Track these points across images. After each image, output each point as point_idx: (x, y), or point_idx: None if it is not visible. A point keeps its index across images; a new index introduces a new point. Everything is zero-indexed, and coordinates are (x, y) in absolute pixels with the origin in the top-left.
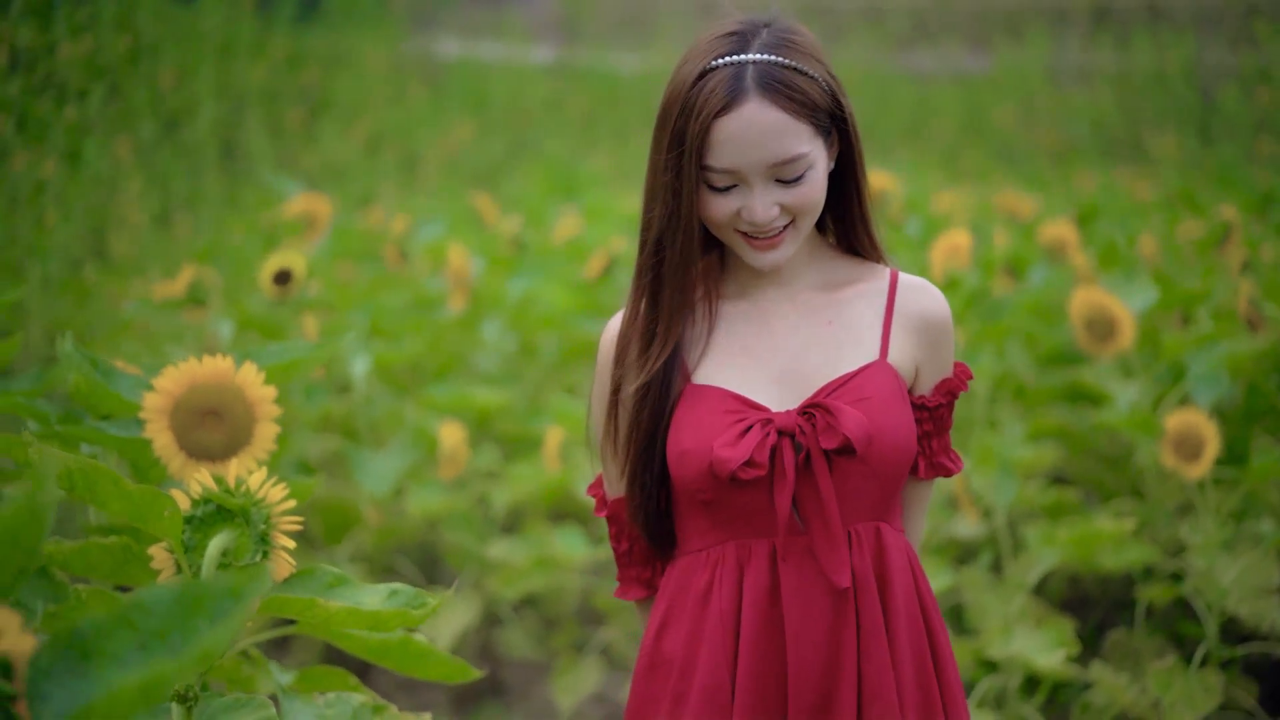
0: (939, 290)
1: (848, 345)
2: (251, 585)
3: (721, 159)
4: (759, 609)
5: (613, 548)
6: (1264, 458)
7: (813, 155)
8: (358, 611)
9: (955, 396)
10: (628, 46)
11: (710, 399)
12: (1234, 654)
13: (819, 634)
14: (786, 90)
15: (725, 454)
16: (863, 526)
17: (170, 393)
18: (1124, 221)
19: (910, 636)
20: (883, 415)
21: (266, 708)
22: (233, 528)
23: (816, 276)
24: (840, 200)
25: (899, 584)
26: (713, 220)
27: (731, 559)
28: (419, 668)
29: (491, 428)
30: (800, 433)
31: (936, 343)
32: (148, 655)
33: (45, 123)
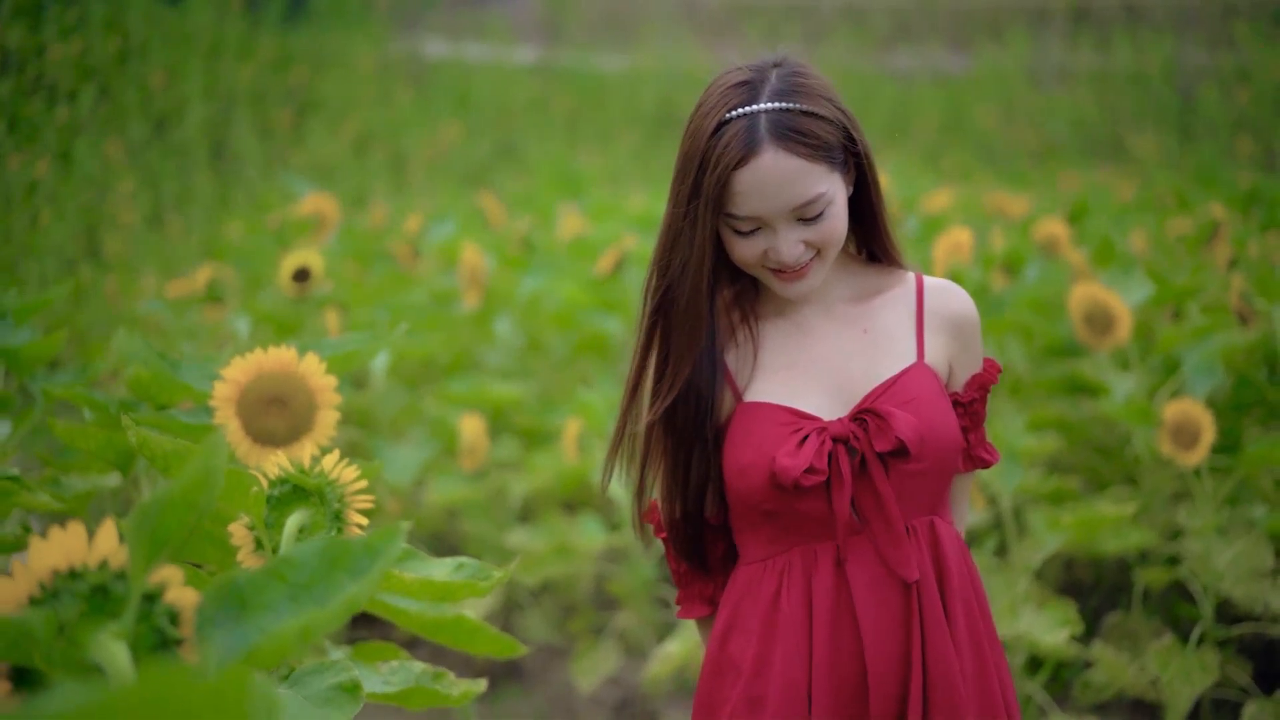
0: (962, 289)
1: (885, 350)
2: (388, 544)
3: (743, 208)
4: (830, 610)
5: (671, 569)
6: (1257, 445)
7: (831, 192)
8: (431, 583)
9: (987, 390)
10: (611, 47)
11: (764, 414)
12: (1229, 634)
13: (892, 627)
14: (799, 137)
15: (787, 463)
16: (919, 521)
17: (238, 382)
18: (1114, 219)
19: (967, 623)
20: (930, 414)
21: (350, 670)
22: (308, 506)
23: (847, 289)
24: (862, 216)
25: (955, 574)
26: (742, 261)
27: (798, 565)
28: (470, 643)
29: (507, 421)
30: (854, 438)
31: (967, 340)
32: (297, 606)
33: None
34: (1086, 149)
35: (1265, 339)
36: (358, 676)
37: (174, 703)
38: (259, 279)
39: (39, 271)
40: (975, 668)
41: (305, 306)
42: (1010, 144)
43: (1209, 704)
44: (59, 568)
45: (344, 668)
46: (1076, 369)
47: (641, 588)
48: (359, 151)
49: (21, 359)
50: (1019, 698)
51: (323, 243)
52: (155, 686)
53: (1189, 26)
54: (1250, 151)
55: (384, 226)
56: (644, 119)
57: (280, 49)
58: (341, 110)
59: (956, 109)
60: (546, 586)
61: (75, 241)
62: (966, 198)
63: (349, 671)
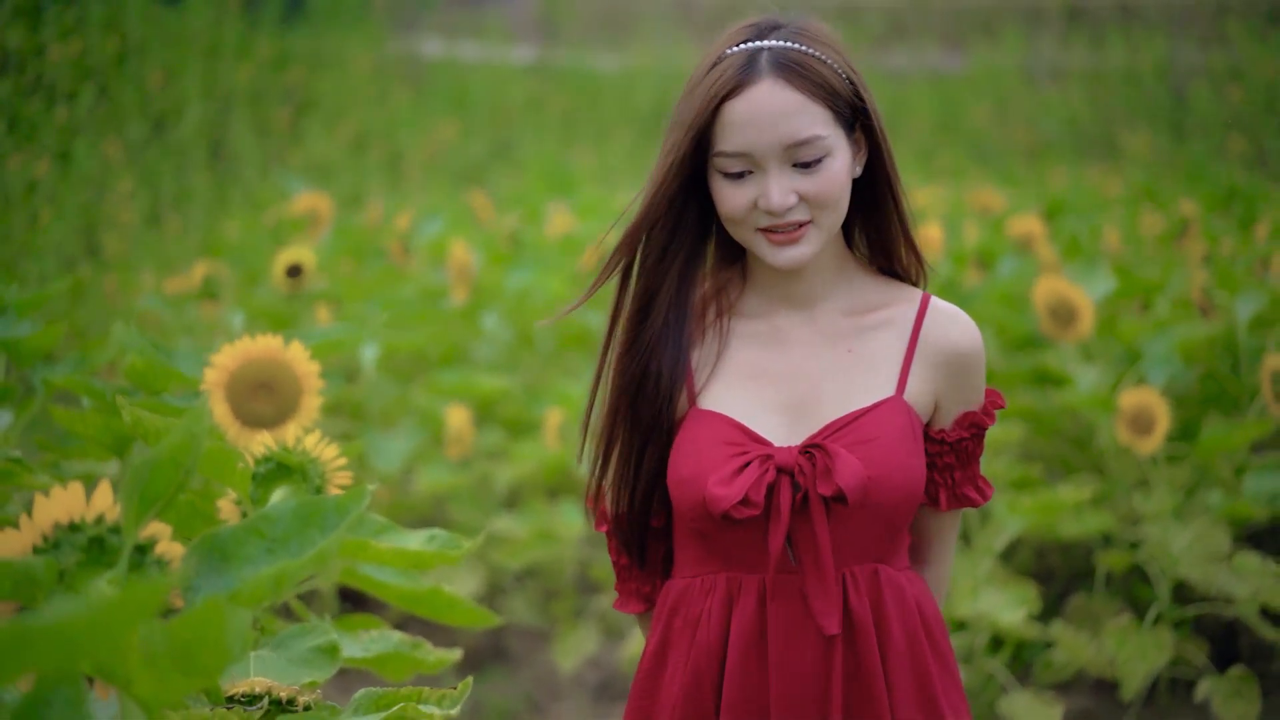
0: (971, 321)
1: (864, 378)
2: (354, 503)
3: (732, 141)
4: (744, 646)
5: (613, 560)
6: (1211, 433)
7: (831, 142)
8: (404, 552)
9: (982, 429)
10: (606, 46)
11: (713, 426)
12: (1185, 615)
13: (804, 676)
14: (801, 70)
15: (718, 492)
16: (861, 568)
17: (226, 368)
18: (1089, 216)
19: (914, 679)
20: (885, 459)
21: (329, 634)
22: (291, 483)
23: (842, 300)
24: (875, 212)
25: (897, 627)
26: (730, 215)
27: (722, 591)
28: (447, 614)
29: (493, 412)
30: (800, 472)
31: (961, 375)
32: (274, 558)
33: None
34: (1080, 147)
35: (1226, 332)
36: (336, 640)
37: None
38: (254, 275)
39: (38, 270)
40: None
41: (298, 302)
42: (1004, 142)
43: (1166, 683)
44: (60, 521)
45: (323, 631)
46: (1043, 361)
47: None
48: (356, 151)
49: (23, 351)
50: (980, 676)
51: (317, 240)
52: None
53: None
54: (1242, 149)
55: (379, 224)
56: (638, 118)
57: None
58: (339, 110)
59: (950, 108)
60: (530, 571)
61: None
62: (953, 195)
63: (328, 635)
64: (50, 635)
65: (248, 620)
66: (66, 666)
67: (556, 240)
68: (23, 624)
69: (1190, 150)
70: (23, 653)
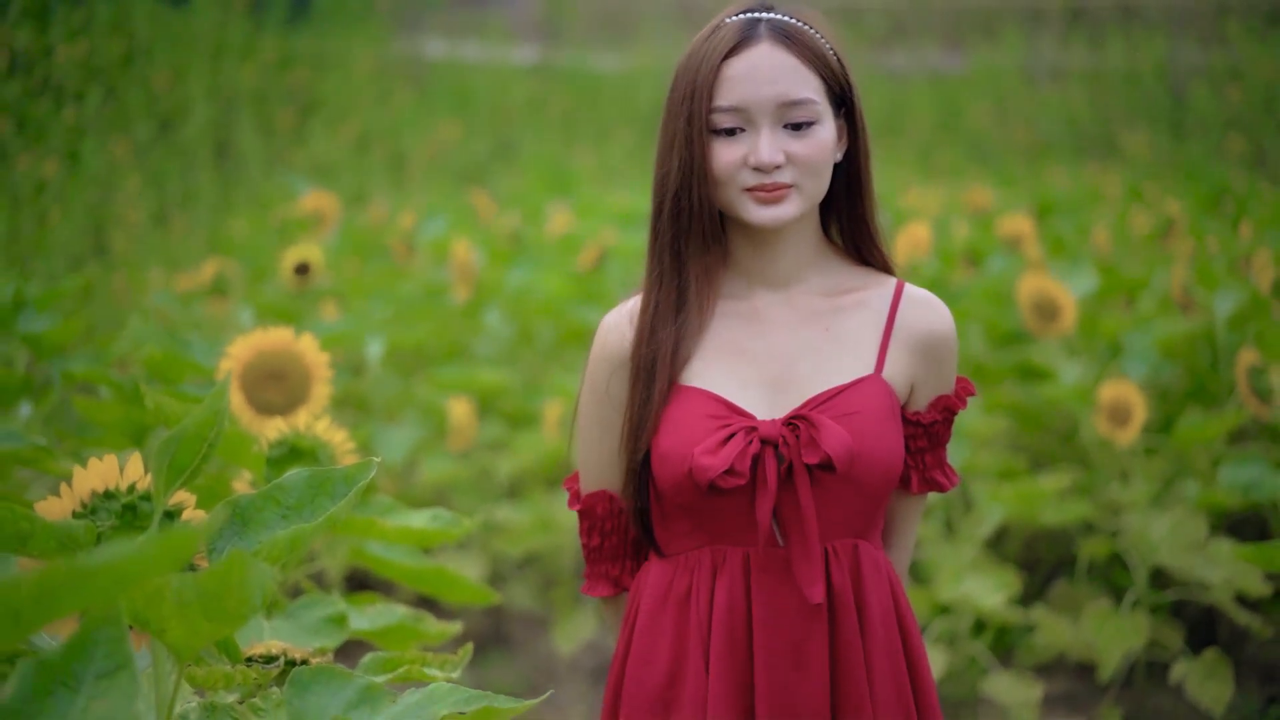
0: (945, 306)
1: (843, 355)
2: (361, 473)
3: (729, 96)
4: (729, 618)
5: (582, 543)
6: (1188, 425)
7: (821, 110)
8: (410, 529)
9: (953, 414)
10: (608, 47)
11: (695, 401)
12: (1162, 599)
13: (788, 648)
14: (799, 38)
15: (705, 461)
16: (841, 543)
17: (240, 359)
18: (1079, 215)
19: (888, 655)
20: (868, 432)
21: (338, 605)
22: (303, 465)
23: (819, 281)
24: (849, 200)
25: (876, 602)
26: (719, 173)
27: (707, 565)
28: (451, 591)
29: (494, 405)
30: (783, 444)
31: (936, 359)
32: (288, 523)
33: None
34: (1079, 147)
35: (1206, 328)
36: (345, 610)
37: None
38: (261, 273)
39: (47, 268)
40: (896, 701)
41: (305, 299)
42: (1003, 142)
43: (1143, 666)
44: (96, 489)
45: (332, 603)
46: (1028, 356)
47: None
48: (359, 150)
49: (43, 344)
50: (963, 658)
51: (323, 239)
52: (178, 540)
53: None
54: (1241, 149)
55: (383, 223)
56: (639, 118)
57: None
58: (342, 110)
59: (950, 108)
60: (530, 559)
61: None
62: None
63: (337, 606)
64: (100, 574)
65: (268, 573)
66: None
67: (556, 239)
68: (75, 564)
69: (1189, 150)
70: (76, 589)
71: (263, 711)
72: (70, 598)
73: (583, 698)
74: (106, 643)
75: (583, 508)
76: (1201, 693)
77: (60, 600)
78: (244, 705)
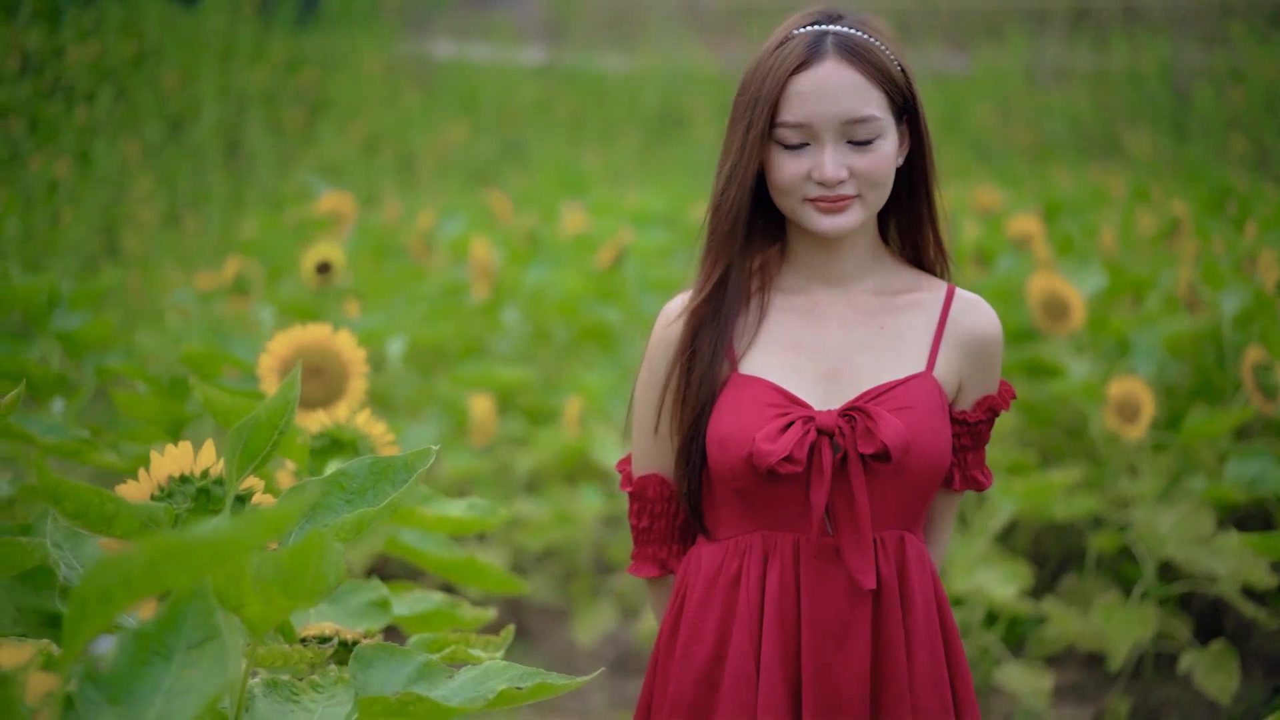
0: (993, 309)
1: (896, 353)
2: (420, 460)
3: (795, 112)
4: (779, 601)
5: (631, 524)
6: (1195, 421)
7: (885, 125)
8: (448, 518)
9: (996, 414)
10: (614, 48)
11: (754, 389)
12: (1170, 592)
13: (834, 632)
14: (865, 54)
15: (766, 447)
16: (888, 534)
17: (280, 354)
18: (1086, 215)
19: (928, 646)
20: (922, 427)
21: (381, 589)
22: (344, 456)
23: (875, 281)
24: (909, 204)
25: (919, 594)
26: (783, 184)
27: (758, 549)
28: (481, 580)
29: (513, 401)
30: (839, 434)
31: (984, 361)
32: (352, 507)
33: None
34: (1083, 147)
35: (1212, 326)
36: (388, 595)
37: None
38: (278, 272)
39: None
40: (934, 692)
41: (326, 297)
42: (1008, 142)
43: (1152, 657)
44: (173, 474)
45: (376, 587)
46: (1037, 353)
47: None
48: (368, 151)
49: (76, 341)
50: (976, 649)
51: (340, 238)
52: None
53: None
54: (1244, 150)
55: (397, 223)
56: (646, 119)
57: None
58: (351, 110)
59: (955, 108)
60: (549, 552)
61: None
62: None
63: (380, 590)
64: (204, 547)
65: (341, 552)
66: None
67: (571, 239)
68: (182, 538)
69: (1192, 151)
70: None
71: (321, 688)
72: (177, 568)
73: (602, 688)
74: (195, 615)
75: (634, 489)
76: (1209, 683)
77: (168, 570)
78: (303, 682)
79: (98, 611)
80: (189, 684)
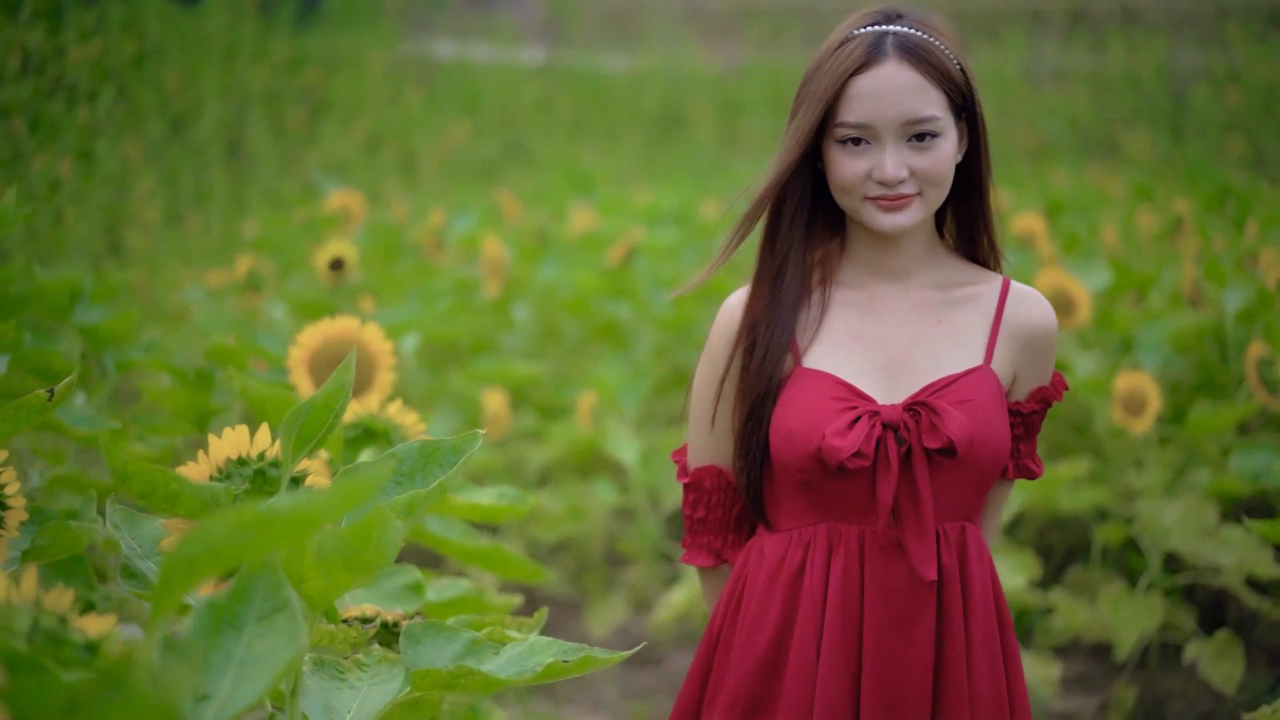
0: (1048, 302)
1: (954, 347)
2: (468, 444)
3: (855, 113)
4: (843, 592)
5: (686, 514)
6: (1200, 415)
7: (944, 124)
8: (478, 506)
9: (1049, 405)
10: (615, 48)
11: (819, 384)
12: (1175, 583)
13: (897, 621)
14: (923, 54)
15: (836, 443)
16: (950, 525)
17: (309, 346)
18: (1088, 214)
19: (986, 635)
20: (984, 420)
21: (415, 574)
22: (376, 445)
23: (931, 275)
24: (964, 199)
25: (978, 583)
26: (844, 183)
27: (823, 541)
28: (505, 568)
29: (525, 396)
30: (904, 428)
31: (1039, 352)
32: (402, 489)
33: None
34: (1081, 147)
35: (1215, 323)
36: (421, 579)
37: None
38: (286, 269)
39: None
40: (990, 680)
41: (339, 294)
42: (1006, 143)
43: (1157, 647)
44: (230, 456)
45: (410, 571)
46: None
47: (648, 545)
48: (370, 150)
49: (99, 335)
50: None
51: (350, 236)
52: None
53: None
54: (1241, 151)
55: (404, 221)
56: (647, 119)
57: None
58: (353, 110)
59: None
60: (562, 545)
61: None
62: None
63: (414, 574)
64: (287, 518)
65: (400, 530)
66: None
67: (579, 237)
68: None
69: (1190, 151)
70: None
71: (365, 667)
72: (261, 539)
73: (614, 679)
74: (265, 588)
75: (691, 481)
76: (1213, 672)
77: (252, 541)
78: (348, 661)
79: (185, 580)
80: (260, 653)
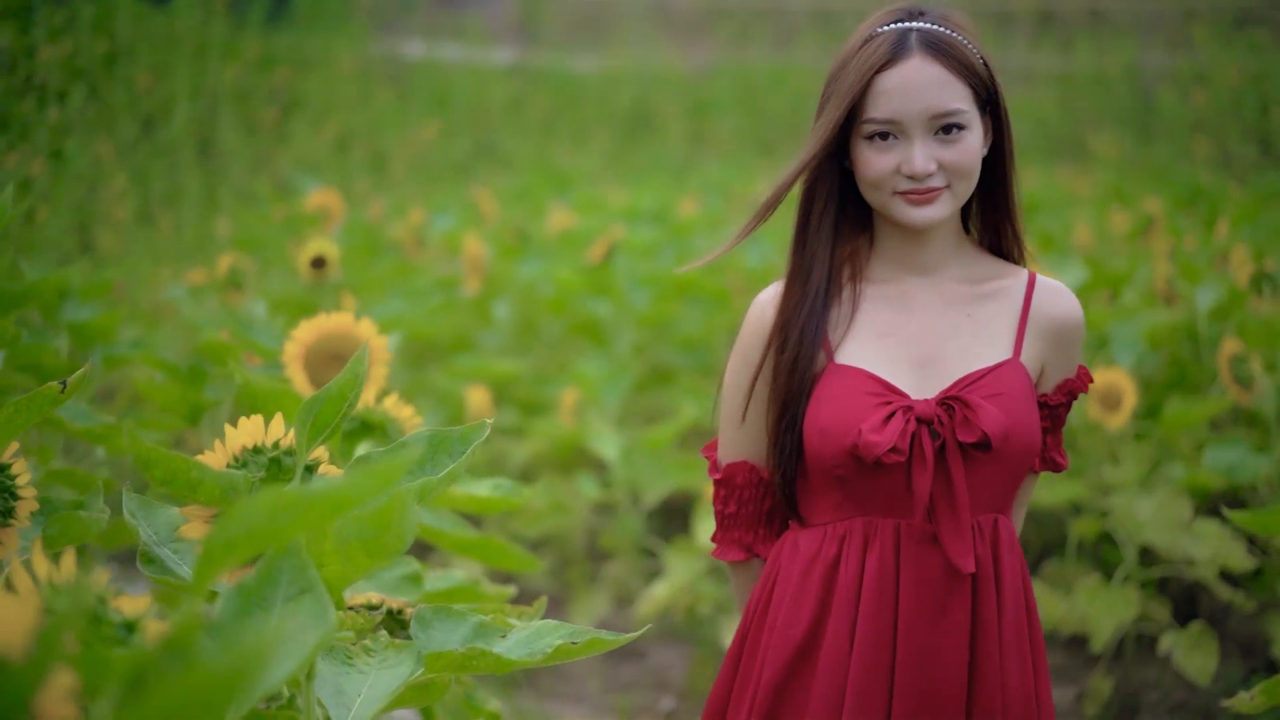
0: (1074, 295)
1: (983, 340)
2: (476, 433)
3: (882, 109)
4: (879, 585)
5: (717, 509)
6: (1174, 410)
7: (970, 117)
8: (475, 497)
9: (1075, 397)
10: (585, 49)
11: (853, 379)
12: (1150, 576)
13: (932, 614)
14: (949, 49)
15: (873, 438)
16: (984, 518)
17: (304, 341)
18: (1062, 213)
19: (1016, 627)
20: (1017, 413)
21: (414, 564)
22: (373, 438)
23: (959, 269)
24: (989, 193)
25: (1010, 575)
26: (872, 178)
27: (858, 535)
28: (498, 559)
29: (506, 393)
30: (939, 423)
31: (1066, 345)
32: (413, 477)
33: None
34: (1049, 148)
35: (1188, 320)
36: (420, 570)
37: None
38: (265, 267)
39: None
40: (1019, 672)
41: (320, 292)
42: None
43: (1133, 639)
44: (246, 445)
45: (409, 563)
46: None
47: (629, 540)
48: (341, 150)
49: (86, 332)
50: None
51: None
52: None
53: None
54: (1207, 151)
55: (381, 220)
56: (618, 119)
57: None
58: (324, 109)
59: None
60: (545, 540)
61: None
62: None
63: (413, 565)
64: (320, 500)
65: (417, 516)
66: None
67: (557, 235)
68: (300, 492)
69: (1157, 152)
70: (300, 512)
71: (373, 652)
72: (296, 520)
73: (597, 672)
74: (291, 570)
75: (722, 476)
76: (1188, 663)
77: (288, 522)
78: (356, 647)
79: (222, 560)
80: (289, 633)
